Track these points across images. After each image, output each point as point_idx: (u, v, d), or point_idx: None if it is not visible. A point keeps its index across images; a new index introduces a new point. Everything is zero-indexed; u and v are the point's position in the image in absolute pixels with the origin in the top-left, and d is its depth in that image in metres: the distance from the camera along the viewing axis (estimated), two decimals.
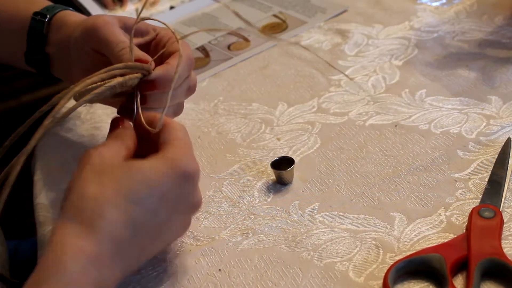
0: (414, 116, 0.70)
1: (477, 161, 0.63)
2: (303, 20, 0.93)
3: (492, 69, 0.76)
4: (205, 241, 0.60)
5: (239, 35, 0.92)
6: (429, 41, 0.83)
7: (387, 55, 0.82)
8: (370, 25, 0.89)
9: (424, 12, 0.90)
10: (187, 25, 0.97)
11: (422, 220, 0.58)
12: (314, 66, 0.82)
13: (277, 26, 0.93)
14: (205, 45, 0.91)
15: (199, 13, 1.00)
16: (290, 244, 0.58)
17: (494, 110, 0.69)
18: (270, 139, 0.71)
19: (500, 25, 0.84)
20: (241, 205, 0.63)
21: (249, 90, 0.80)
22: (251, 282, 0.55)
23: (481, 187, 0.60)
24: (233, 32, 0.92)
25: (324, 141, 0.69)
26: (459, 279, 0.52)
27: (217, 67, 0.86)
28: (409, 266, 0.53)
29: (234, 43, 0.90)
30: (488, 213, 0.55)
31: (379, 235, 0.57)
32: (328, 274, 0.54)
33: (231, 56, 0.88)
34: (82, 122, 0.79)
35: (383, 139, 0.68)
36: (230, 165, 0.68)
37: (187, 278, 0.56)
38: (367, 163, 0.65)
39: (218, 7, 1.01)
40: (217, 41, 0.92)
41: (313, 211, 0.61)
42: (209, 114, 0.77)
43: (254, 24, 0.94)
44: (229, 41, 0.91)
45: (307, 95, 0.77)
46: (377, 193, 0.62)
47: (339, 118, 0.72)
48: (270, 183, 0.65)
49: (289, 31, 0.91)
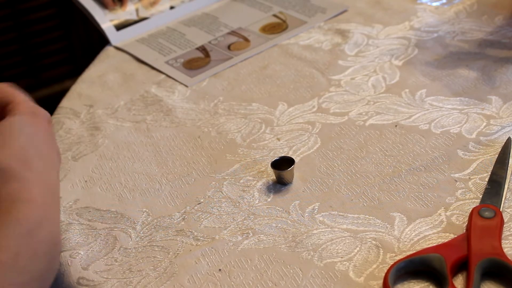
0: (414, 116, 0.70)
1: (477, 161, 0.63)
2: (303, 20, 0.93)
3: (492, 69, 0.76)
4: (205, 241, 0.60)
5: (239, 35, 0.92)
6: (429, 41, 0.83)
7: (387, 55, 0.82)
8: (370, 25, 0.89)
9: (424, 12, 0.90)
10: (187, 25, 0.97)
11: (422, 220, 0.58)
12: (314, 66, 0.82)
13: (277, 26, 0.93)
14: (205, 45, 0.91)
15: (199, 13, 1.00)
16: (290, 244, 0.58)
17: (494, 110, 0.69)
18: (270, 139, 0.71)
19: (500, 25, 0.84)
20: (241, 205, 0.63)
21: (249, 90, 0.80)
22: (251, 282, 0.55)
23: (481, 187, 0.60)
24: (233, 32, 0.93)
25: (324, 141, 0.69)
26: (459, 279, 0.52)
27: (217, 67, 0.86)
28: (409, 266, 0.53)
29: (234, 43, 0.90)
30: (488, 213, 0.55)
31: (379, 235, 0.57)
32: (328, 274, 0.54)
33: (231, 56, 0.88)
34: (82, 122, 0.79)
35: (383, 139, 0.68)
36: (230, 165, 0.68)
37: (187, 278, 0.56)
38: (367, 163, 0.65)
39: (218, 7, 1.01)
40: (217, 41, 0.92)
41: (313, 211, 0.61)
42: (209, 114, 0.77)
43: (254, 24, 0.94)
44: (229, 41, 0.91)
45: (307, 95, 0.77)
46: (377, 193, 0.62)
47: (339, 118, 0.72)
48: (270, 183, 0.65)
49: (289, 31, 0.91)
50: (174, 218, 0.63)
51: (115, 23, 0.96)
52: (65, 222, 0.64)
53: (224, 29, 0.94)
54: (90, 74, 0.89)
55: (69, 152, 0.74)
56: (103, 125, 0.78)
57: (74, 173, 0.71)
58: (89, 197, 0.67)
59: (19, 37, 1.77)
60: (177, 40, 0.93)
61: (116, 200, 0.66)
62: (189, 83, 0.83)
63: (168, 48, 0.91)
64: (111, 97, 0.83)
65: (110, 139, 0.75)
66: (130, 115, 0.79)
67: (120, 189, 0.68)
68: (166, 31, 0.96)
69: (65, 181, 0.70)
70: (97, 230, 0.63)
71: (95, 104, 0.82)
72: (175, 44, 0.92)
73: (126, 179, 0.69)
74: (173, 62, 0.88)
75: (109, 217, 0.64)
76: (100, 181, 0.69)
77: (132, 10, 0.99)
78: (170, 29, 0.96)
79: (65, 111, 0.82)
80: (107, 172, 0.70)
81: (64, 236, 0.63)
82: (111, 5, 0.98)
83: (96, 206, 0.66)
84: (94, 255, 0.60)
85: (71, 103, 0.83)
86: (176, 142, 0.73)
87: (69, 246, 0.62)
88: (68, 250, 0.61)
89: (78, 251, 0.61)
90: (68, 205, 0.67)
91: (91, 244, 0.61)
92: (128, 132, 0.76)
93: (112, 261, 0.59)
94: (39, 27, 1.78)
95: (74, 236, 0.63)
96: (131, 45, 0.94)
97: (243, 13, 0.97)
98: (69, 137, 0.77)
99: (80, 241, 0.62)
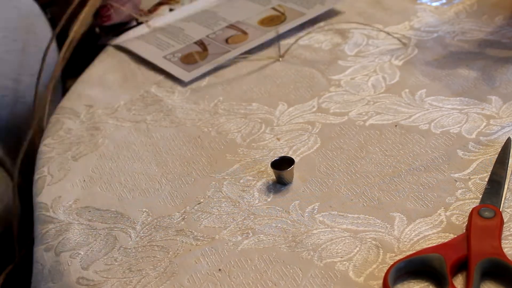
0: (414, 116, 0.70)
1: (477, 161, 0.63)
2: (301, 12, 0.92)
3: (492, 69, 0.76)
4: (205, 241, 0.60)
5: (237, 29, 0.92)
6: (429, 41, 0.83)
7: (387, 55, 0.82)
8: (370, 25, 0.89)
9: (424, 12, 0.90)
10: (186, 21, 0.96)
11: (422, 220, 0.58)
12: (314, 66, 0.82)
13: (276, 19, 0.93)
14: (202, 39, 0.91)
15: (198, 9, 0.99)
16: (290, 244, 0.58)
17: (494, 110, 0.69)
18: (270, 139, 0.71)
19: (500, 25, 0.84)
20: (241, 205, 0.63)
21: (249, 90, 0.80)
22: (251, 282, 0.55)
23: (481, 187, 0.60)
24: (231, 26, 0.92)
25: (324, 141, 0.69)
26: (459, 279, 0.52)
27: (215, 60, 0.86)
28: (409, 266, 0.53)
29: (232, 37, 0.90)
30: (488, 213, 0.55)
31: (379, 235, 0.57)
32: (328, 274, 0.54)
33: (228, 50, 0.87)
34: (82, 122, 0.79)
35: (383, 139, 0.68)
36: (230, 165, 0.68)
37: (187, 278, 0.56)
38: (367, 163, 0.65)
39: (218, 3, 1.00)
40: (215, 34, 0.91)
41: (313, 211, 0.61)
42: (209, 114, 0.77)
43: (253, 17, 0.93)
44: (227, 35, 0.91)
45: (307, 95, 0.77)
46: (377, 193, 0.62)
47: (339, 118, 0.72)
48: (270, 183, 0.65)
49: (288, 22, 0.91)
50: (174, 218, 0.63)
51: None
52: (65, 222, 0.64)
53: (223, 23, 0.94)
54: (90, 74, 0.89)
55: (69, 152, 0.74)
56: (103, 125, 0.78)
57: (74, 173, 0.71)
58: (89, 197, 0.67)
59: None
60: (176, 35, 0.93)
61: (116, 200, 0.66)
62: (186, 78, 0.83)
63: (167, 43, 0.91)
64: (111, 97, 0.83)
65: (110, 139, 0.75)
66: (130, 115, 0.79)
67: (120, 189, 0.68)
68: (165, 26, 0.96)
69: (65, 181, 0.70)
70: (97, 230, 0.63)
71: (95, 104, 0.82)
72: (174, 39, 0.92)
73: (126, 179, 0.69)
74: (170, 56, 0.88)
75: (109, 217, 0.64)
76: (100, 181, 0.69)
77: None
78: (169, 25, 0.96)
79: (65, 111, 0.82)
80: (107, 172, 0.70)
81: (64, 236, 0.63)
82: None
83: (96, 206, 0.66)
84: (94, 255, 0.60)
85: (71, 103, 0.83)
86: (176, 142, 0.73)
87: (69, 246, 0.62)
88: (68, 251, 0.61)
89: (78, 251, 0.61)
90: (68, 205, 0.67)
91: (91, 244, 0.61)
92: (128, 132, 0.76)
93: (112, 260, 0.59)
94: None
95: (74, 236, 0.63)
96: (130, 42, 0.94)
97: (242, 7, 0.96)
98: (69, 137, 0.77)
99: (80, 241, 0.62)
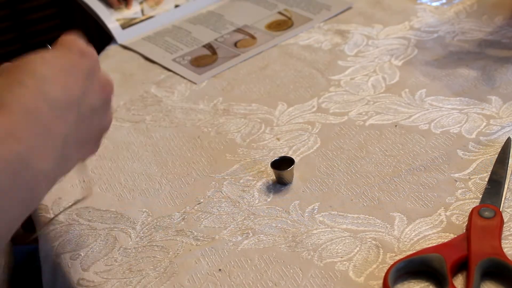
0: (414, 116, 0.70)
1: (477, 161, 0.63)
2: (308, 17, 0.93)
3: (492, 69, 0.76)
4: (205, 241, 0.60)
5: (245, 33, 0.92)
6: (429, 41, 0.83)
7: (387, 55, 0.82)
8: (370, 25, 0.89)
9: (424, 12, 0.90)
10: (192, 23, 0.97)
11: (422, 220, 0.58)
12: (314, 66, 0.82)
13: (283, 23, 0.93)
14: (211, 43, 0.91)
15: (204, 11, 1.00)
16: (290, 244, 0.58)
17: (494, 110, 0.69)
18: (270, 139, 0.71)
19: (500, 25, 0.84)
20: (241, 205, 0.63)
21: (249, 90, 0.80)
22: (251, 282, 0.55)
23: (481, 187, 0.60)
24: (239, 30, 0.93)
25: (324, 141, 0.69)
26: (459, 279, 0.52)
27: (225, 64, 0.86)
28: (409, 266, 0.53)
29: (241, 41, 0.91)
30: (488, 213, 0.55)
31: (379, 235, 0.57)
32: (328, 274, 0.54)
33: (238, 53, 0.88)
34: None
35: (383, 139, 0.68)
36: (230, 165, 0.68)
37: (187, 278, 0.56)
38: (367, 163, 0.65)
39: (223, 4, 1.01)
40: (223, 38, 0.92)
41: (313, 211, 0.61)
42: (209, 114, 0.77)
43: (260, 21, 0.94)
44: (236, 39, 0.91)
45: (307, 95, 0.77)
46: (377, 193, 0.62)
47: (339, 118, 0.72)
48: (270, 183, 0.65)
49: (295, 28, 0.91)
50: (174, 218, 0.63)
51: (121, 22, 0.97)
52: (65, 222, 0.64)
53: (230, 27, 0.94)
54: None
55: None
56: None
57: (74, 173, 0.71)
58: (89, 197, 0.67)
59: (19, 37, 1.77)
60: (183, 38, 0.93)
61: (115, 200, 0.66)
62: (198, 80, 0.84)
63: (175, 46, 0.92)
64: None
65: (109, 139, 0.75)
66: (130, 115, 0.79)
67: (119, 189, 0.68)
68: (172, 29, 0.96)
69: (65, 181, 0.70)
70: (97, 230, 0.63)
71: None
72: (182, 42, 0.93)
73: (125, 179, 0.69)
74: (180, 59, 0.89)
75: (108, 217, 0.64)
76: (100, 181, 0.69)
77: (138, 10, 0.99)
78: (176, 27, 0.97)
79: None
80: (107, 172, 0.70)
81: (64, 238, 0.63)
82: (117, 4, 0.99)
83: (96, 206, 0.66)
84: (94, 256, 0.60)
85: None
86: (176, 142, 0.73)
87: (69, 248, 0.62)
88: (68, 252, 0.61)
89: (78, 252, 0.61)
90: (68, 205, 0.66)
91: (91, 245, 0.61)
92: (127, 132, 0.76)
93: (112, 261, 0.59)
94: (39, 27, 1.78)
95: (74, 237, 0.63)
96: (138, 43, 0.94)
97: (248, 11, 0.97)
98: None
99: (80, 242, 0.62)
